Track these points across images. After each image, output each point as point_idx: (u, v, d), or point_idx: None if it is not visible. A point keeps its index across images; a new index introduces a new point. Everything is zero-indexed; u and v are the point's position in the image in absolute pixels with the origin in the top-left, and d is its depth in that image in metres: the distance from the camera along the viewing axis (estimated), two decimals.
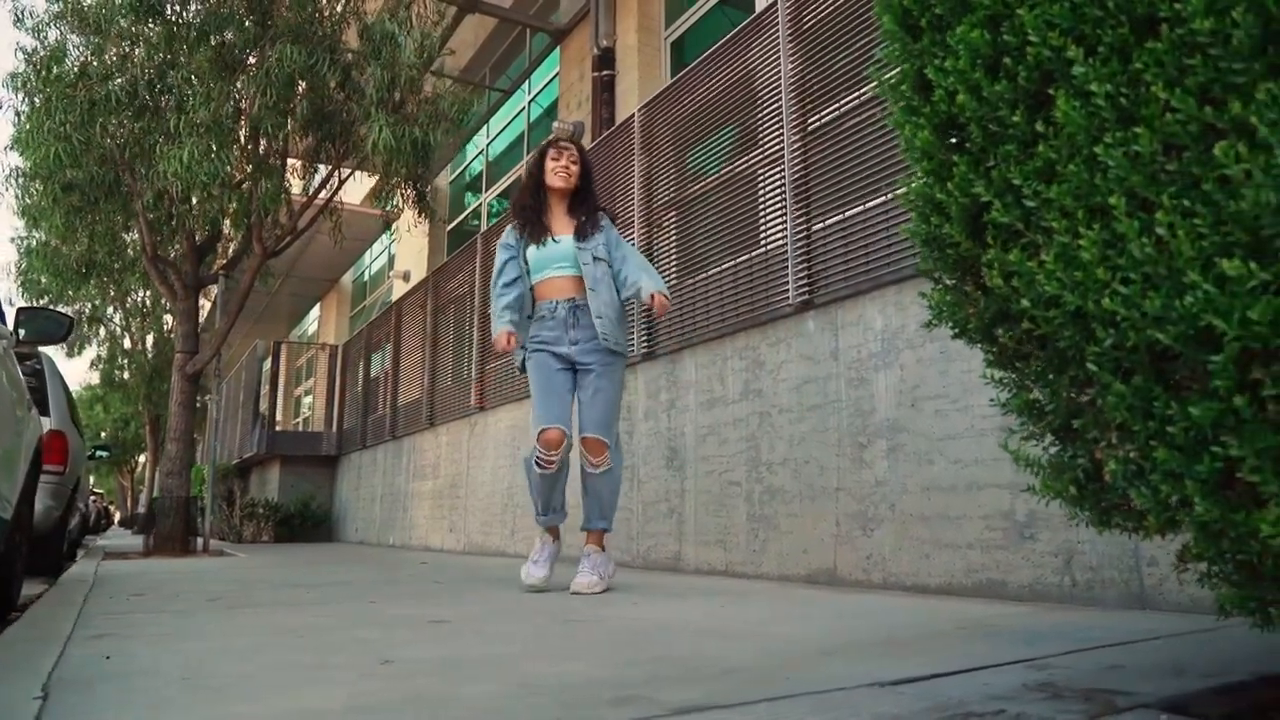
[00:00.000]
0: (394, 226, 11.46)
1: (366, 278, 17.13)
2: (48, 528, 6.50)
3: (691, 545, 4.07)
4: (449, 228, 12.35)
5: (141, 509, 24.47)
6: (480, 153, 12.06)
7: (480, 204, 11.60)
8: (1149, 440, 1.05)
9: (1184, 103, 0.94)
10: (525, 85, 10.60)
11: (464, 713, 1.23)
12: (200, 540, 7.58)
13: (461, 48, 10.43)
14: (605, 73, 8.03)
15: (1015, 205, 1.16)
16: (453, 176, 13.03)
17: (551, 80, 9.76)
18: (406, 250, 13.33)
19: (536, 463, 3.07)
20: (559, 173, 3.21)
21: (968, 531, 2.75)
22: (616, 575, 3.33)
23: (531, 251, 3.20)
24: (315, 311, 20.39)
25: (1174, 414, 1.01)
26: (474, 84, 11.33)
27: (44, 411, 6.50)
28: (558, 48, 9.47)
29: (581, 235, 3.17)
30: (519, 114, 10.77)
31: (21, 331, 3.63)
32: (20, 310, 3.64)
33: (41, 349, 6.77)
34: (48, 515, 6.38)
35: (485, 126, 11.80)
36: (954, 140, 1.28)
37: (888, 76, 1.40)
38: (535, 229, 3.20)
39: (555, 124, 8.88)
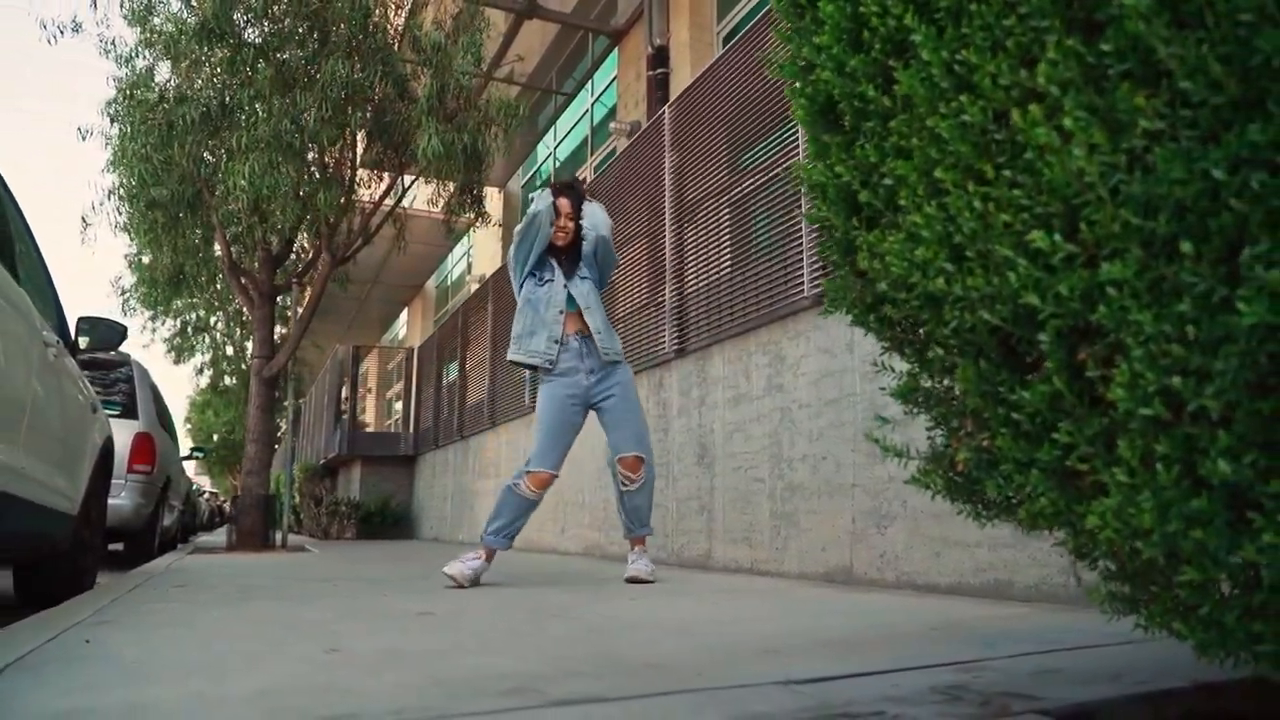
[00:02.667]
0: (470, 231, 11.77)
1: (449, 282, 17.60)
2: (139, 524, 6.94)
3: (720, 543, 4.03)
4: None
5: None
6: (549, 155, 12.25)
7: None
8: (1001, 428, 0.99)
9: (998, 67, 0.88)
10: (588, 87, 10.70)
11: (354, 701, 1.26)
12: (279, 536, 7.95)
13: (528, 53, 10.62)
14: (659, 71, 8.03)
15: (879, 185, 1.12)
16: (524, 180, 13.27)
17: (613, 81, 9.82)
18: (483, 254, 13.65)
19: (523, 489, 3.22)
20: (557, 236, 3.42)
21: (976, 529, 2.62)
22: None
23: (574, 285, 3.41)
24: (404, 316, 21.09)
25: (1018, 399, 0.95)
26: (540, 89, 11.53)
27: (133, 415, 6.95)
28: (616, 49, 9.53)
29: (570, 273, 3.43)
30: (583, 116, 10.88)
31: (83, 339, 3.89)
32: (81, 319, 3.89)
33: (126, 355, 7.25)
34: (138, 513, 6.81)
35: (552, 129, 11.98)
36: (833, 119, 1.23)
37: (781, 57, 1.36)
38: (566, 268, 3.46)
39: (612, 124, 8.95)
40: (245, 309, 8.52)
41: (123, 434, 6.39)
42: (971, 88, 0.95)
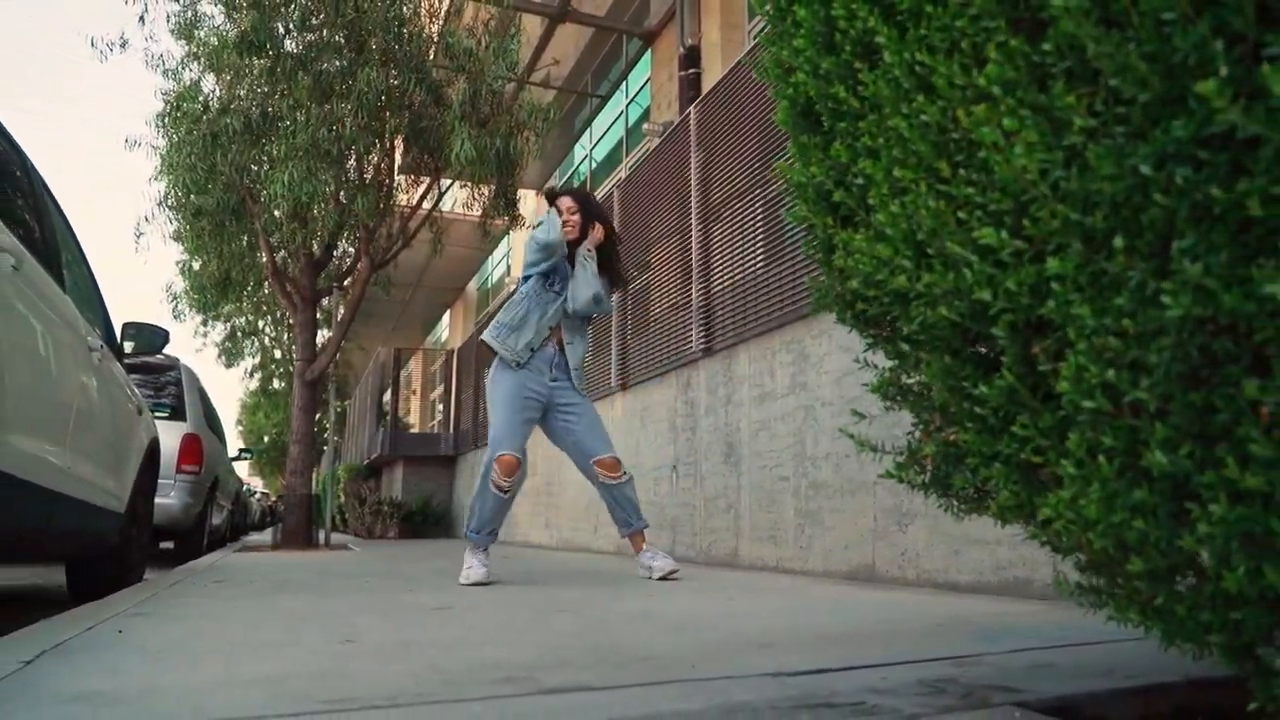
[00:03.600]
0: (507, 234, 11.91)
1: (489, 285, 17.80)
2: (188, 523, 7.16)
3: (747, 541, 4.04)
4: None
5: None
6: (585, 157, 12.33)
7: None
8: (967, 422, 1.00)
9: (949, 68, 0.90)
10: (623, 89, 10.75)
11: (355, 687, 1.32)
12: (323, 535, 8.14)
13: (563, 57, 10.72)
14: (691, 71, 8.05)
15: (852, 184, 1.14)
16: (560, 182, 13.37)
17: (646, 83, 9.86)
18: (521, 257, 13.79)
19: (494, 486, 3.23)
20: (565, 229, 3.49)
21: (996, 527, 2.61)
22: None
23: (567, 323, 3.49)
24: (446, 319, 21.38)
25: (980, 394, 0.96)
26: (576, 91, 11.62)
27: (181, 417, 7.18)
28: (649, 50, 9.57)
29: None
30: (618, 117, 10.94)
31: (128, 344, 4.05)
32: (126, 325, 4.05)
33: (174, 359, 7.48)
34: (186, 511, 7.03)
35: (588, 131, 12.06)
36: (813, 121, 1.25)
37: (764, 58, 1.38)
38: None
39: (645, 125, 8.98)
40: (289, 314, 8.73)
41: (171, 435, 6.61)
42: (930, 88, 0.97)
